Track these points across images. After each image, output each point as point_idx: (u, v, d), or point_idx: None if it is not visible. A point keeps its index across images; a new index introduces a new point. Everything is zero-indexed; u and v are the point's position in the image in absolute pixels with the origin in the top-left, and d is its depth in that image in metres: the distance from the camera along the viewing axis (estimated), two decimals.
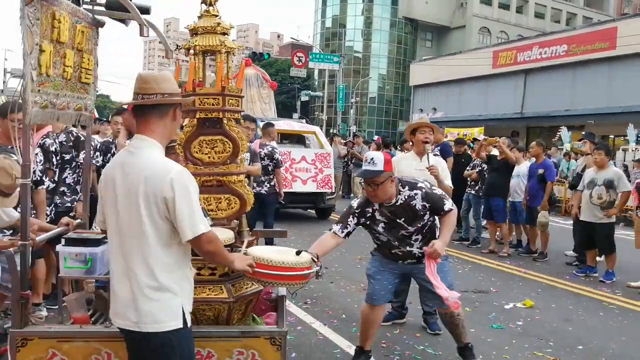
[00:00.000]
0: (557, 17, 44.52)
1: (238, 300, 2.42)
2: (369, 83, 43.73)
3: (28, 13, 2.11)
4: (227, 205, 2.59)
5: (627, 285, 5.66)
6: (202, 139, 2.59)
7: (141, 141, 1.91)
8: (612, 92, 21.78)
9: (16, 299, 2.27)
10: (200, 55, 2.63)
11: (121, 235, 1.87)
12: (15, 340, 2.23)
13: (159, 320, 1.83)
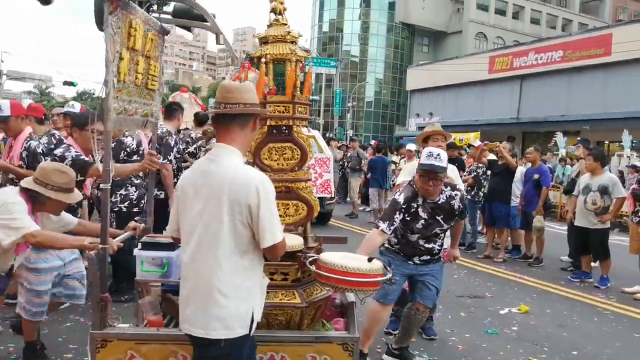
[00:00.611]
0: (552, 23, 44.82)
1: (310, 306, 2.45)
2: (365, 87, 43.86)
3: (111, 22, 2.18)
4: (294, 211, 2.64)
5: (621, 291, 5.68)
6: (272, 146, 2.64)
7: (222, 149, 1.93)
8: (607, 98, 21.93)
9: (96, 301, 2.31)
10: (271, 63, 2.66)
11: (198, 241, 1.87)
12: (95, 341, 2.27)
13: (229, 327, 1.84)
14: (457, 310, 4.76)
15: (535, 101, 25.22)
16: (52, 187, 2.60)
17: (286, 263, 2.42)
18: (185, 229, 1.95)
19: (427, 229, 3.20)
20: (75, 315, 4.04)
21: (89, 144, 3.40)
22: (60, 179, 2.64)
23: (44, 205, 2.65)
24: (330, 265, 2.22)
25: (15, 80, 41.20)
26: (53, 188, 2.60)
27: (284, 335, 2.35)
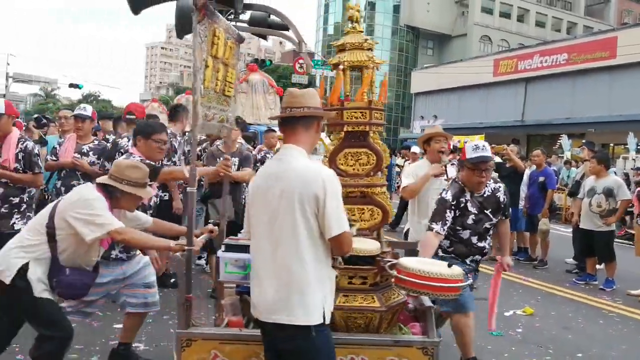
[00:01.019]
0: (557, 26, 44.72)
1: (388, 310, 2.47)
2: None
3: (199, 31, 2.25)
4: (370, 216, 2.66)
5: (627, 294, 5.66)
6: (348, 151, 2.68)
7: (290, 150, 2.09)
8: (612, 100, 21.83)
9: (181, 302, 2.37)
10: (348, 70, 2.71)
11: (274, 236, 1.99)
12: (181, 341, 2.32)
13: (310, 314, 1.94)
14: None
15: (540, 104, 25.14)
16: (127, 182, 2.61)
17: (365, 267, 2.44)
18: (260, 226, 2.06)
19: (478, 224, 3.22)
20: None
21: (153, 153, 3.44)
22: (135, 174, 2.66)
23: (119, 201, 2.66)
24: (412, 270, 2.26)
25: (21, 83, 41.54)
26: (128, 183, 2.61)
27: (364, 338, 2.37)
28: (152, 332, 3.84)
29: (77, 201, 2.56)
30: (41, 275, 2.54)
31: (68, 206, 2.55)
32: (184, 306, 2.36)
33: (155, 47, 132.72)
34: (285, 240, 1.97)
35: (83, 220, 2.49)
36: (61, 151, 4.51)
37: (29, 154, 3.73)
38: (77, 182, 4.46)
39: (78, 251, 2.57)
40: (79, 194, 2.62)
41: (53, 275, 2.53)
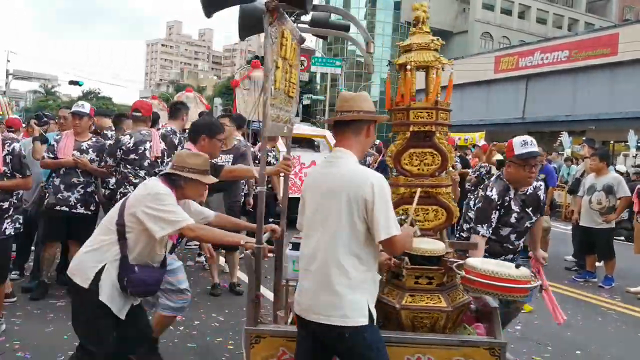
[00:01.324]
0: (559, 22, 44.62)
1: (454, 310, 2.48)
2: (371, 87, 43.83)
3: (270, 32, 2.29)
4: (434, 216, 2.66)
5: (626, 291, 5.66)
6: (413, 151, 2.67)
7: (340, 153, 2.13)
8: (613, 98, 21.80)
9: (251, 299, 2.41)
10: (414, 70, 2.70)
11: (322, 237, 2.03)
12: (250, 337, 2.36)
13: (347, 315, 1.95)
14: None
15: (540, 101, 25.11)
16: (189, 169, 2.61)
17: (432, 267, 2.46)
18: (308, 225, 2.13)
19: (520, 222, 3.20)
20: None
21: (215, 151, 3.47)
22: (196, 160, 2.65)
23: (184, 191, 2.63)
24: (481, 270, 2.28)
25: (21, 80, 41.52)
26: (190, 170, 2.61)
27: (432, 338, 2.38)
28: None
29: (146, 196, 2.50)
30: (114, 279, 2.48)
31: (137, 201, 2.50)
32: (253, 303, 2.40)
33: (155, 44, 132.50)
34: (333, 241, 2.00)
35: (154, 217, 2.45)
36: (59, 148, 4.45)
37: (17, 157, 3.61)
38: (77, 179, 4.45)
39: (147, 248, 2.53)
40: (148, 188, 2.56)
41: (123, 274, 2.47)
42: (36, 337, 3.58)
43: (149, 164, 4.51)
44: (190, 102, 15.64)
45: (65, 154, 4.41)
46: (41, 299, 4.33)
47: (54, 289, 4.67)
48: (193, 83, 64.23)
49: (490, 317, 2.60)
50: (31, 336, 3.59)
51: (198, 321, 4.05)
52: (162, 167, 4.65)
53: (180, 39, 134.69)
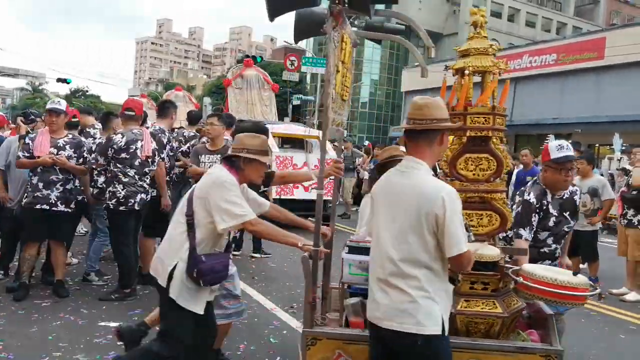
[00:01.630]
0: (547, 26, 45.14)
1: (510, 316, 2.47)
2: (360, 88, 43.92)
3: (334, 37, 2.31)
4: (487, 222, 2.65)
5: (609, 293, 5.74)
6: (468, 156, 2.66)
7: (413, 163, 2.08)
8: (599, 101, 22.12)
9: (308, 301, 2.42)
10: (471, 75, 2.68)
11: (392, 247, 2.02)
12: (306, 339, 2.38)
13: (420, 323, 1.96)
14: None
15: (528, 104, 25.38)
16: (248, 150, 2.62)
17: (487, 273, 2.45)
18: (378, 232, 2.12)
19: (558, 226, 3.19)
20: (65, 314, 4.04)
21: None
22: (254, 141, 2.66)
23: (244, 173, 2.63)
24: (539, 277, 2.28)
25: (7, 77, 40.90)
26: (249, 151, 2.61)
27: (488, 344, 2.37)
28: None
29: (212, 185, 2.51)
30: (184, 274, 2.48)
31: (203, 191, 2.52)
32: (310, 306, 2.42)
33: (145, 42, 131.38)
34: (403, 252, 2.00)
35: (218, 208, 2.46)
36: (35, 147, 4.36)
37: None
38: (56, 176, 4.35)
39: (212, 236, 2.54)
40: (212, 177, 2.57)
41: (193, 267, 2.47)
42: (20, 338, 3.54)
43: (139, 163, 4.49)
44: (179, 100, 15.53)
45: (42, 152, 4.32)
46: (24, 299, 4.28)
47: (39, 289, 4.62)
48: (183, 82, 63.81)
49: (545, 324, 2.58)
50: (15, 337, 3.55)
51: None
52: (152, 166, 4.63)
53: (170, 37, 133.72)
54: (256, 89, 11.43)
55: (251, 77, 11.46)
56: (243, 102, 11.28)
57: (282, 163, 8.63)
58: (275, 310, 4.50)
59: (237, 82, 11.44)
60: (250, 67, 11.89)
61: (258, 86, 11.48)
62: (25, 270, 4.43)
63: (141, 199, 4.51)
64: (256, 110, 11.14)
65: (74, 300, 4.36)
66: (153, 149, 4.61)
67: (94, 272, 4.98)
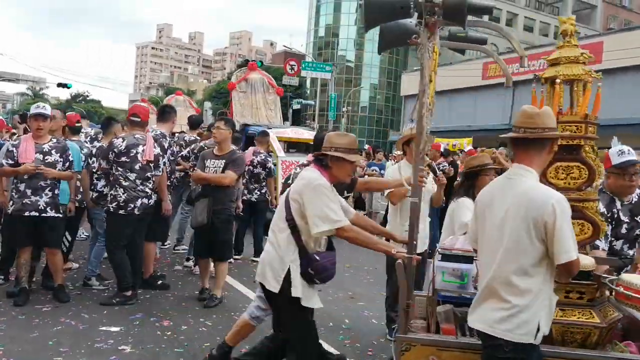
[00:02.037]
0: (545, 30, 45.34)
1: (607, 326, 2.45)
2: (360, 92, 44.05)
3: (428, 47, 2.38)
4: (579, 230, 2.62)
5: None
6: (559, 165, 2.64)
7: (522, 170, 2.11)
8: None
9: (402, 307, 2.46)
10: (562, 84, 2.68)
11: (500, 253, 2.04)
12: (401, 345, 2.42)
13: (512, 331, 1.98)
14: None
15: None
16: (336, 149, 2.63)
17: (584, 282, 2.44)
18: (484, 239, 2.15)
19: (630, 232, 3.17)
20: (65, 319, 4.03)
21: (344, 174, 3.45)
22: (343, 140, 2.68)
23: (332, 171, 2.65)
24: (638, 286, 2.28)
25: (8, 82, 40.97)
26: (337, 150, 2.63)
27: (588, 354, 2.36)
28: (139, 334, 3.83)
29: (306, 187, 2.55)
30: (299, 274, 2.55)
31: (298, 193, 2.56)
32: (405, 312, 2.45)
33: (145, 47, 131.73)
34: (511, 258, 2.00)
35: (313, 212, 2.49)
36: (20, 153, 4.26)
37: None
38: (44, 182, 4.28)
39: (313, 237, 2.58)
40: (306, 178, 2.60)
41: (307, 266, 2.53)
42: (21, 343, 3.53)
43: (140, 167, 4.50)
44: (180, 105, 15.56)
45: (27, 159, 4.24)
46: (24, 304, 4.27)
47: (40, 294, 4.62)
48: (183, 86, 63.86)
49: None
50: (16, 342, 3.55)
51: (186, 326, 4.04)
52: (155, 171, 4.64)
53: (170, 42, 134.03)
54: (261, 93, 11.20)
55: (256, 81, 11.21)
56: (248, 106, 11.02)
57: (287, 168, 8.36)
58: None
59: (242, 86, 11.18)
60: (254, 71, 11.59)
61: (263, 90, 11.25)
62: (23, 275, 4.39)
63: (142, 203, 4.51)
64: (261, 114, 10.92)
65: (75, 305, 4.36)
66: (156, 154, 4.62)
67: (95, 276, 4.99)
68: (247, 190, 6.54)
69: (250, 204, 6.53)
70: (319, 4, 46.67)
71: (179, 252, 6.58)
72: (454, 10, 2.41)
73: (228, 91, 30.12)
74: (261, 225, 6.77)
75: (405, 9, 2.47)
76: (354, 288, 5.51)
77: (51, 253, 4.48)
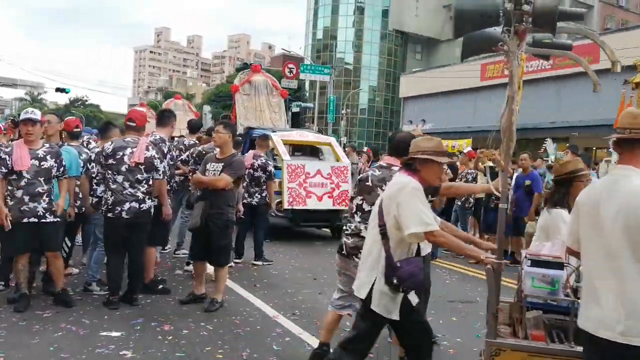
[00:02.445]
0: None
1: None
2: (359, 95, 44.07)
3: (517, 55, 2.41)
4: None
5: None
6: None
7: (628, 171, 2.11)
8: (595, 105, 22.17)
9: (491, 312, 2.46)
10: None
11: (610, 254, 2.03)
12: (490, 349, 2.43)
13: (625, 333, 1.95)
14: (448, 315, 4.81)
15: (525, 108, 25.29)
16: (423, 152, 2.66)
17: None
18: (591, 243, 2.14)
19: None
20: (66, 324, 4.02)
21: None
22: (429, 143, 2.70)
23: (420, 174, 2.68)
24: None
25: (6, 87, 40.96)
26: (425, 153, 2.65)
27: None
28: (140, 339, 3.82)
29: (399, 191, 2.59)
30: (382, 284, 2.59)
31: (392, 197, 2.59)
32: (493, 316, 2.46)
33: (144, 51, 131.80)
34: (624, 258, 2.00)
35: (406, 214, 2.52)
36: (14, 161, 4.22)
37: None
38: (42, 188, 4.27)
39: (404, 242, 2.62)
40: (399, 183, 2.64)
41: (391, 274, 2.56)
42: (21, 349, 3.52)
43: (127, 169, 4.48)
44: (179, 109, 15.51)
45: (23, 166, 4.22)
46: (25, 310, 4.26)
47: (40, 299, 4.62)
48: (182, 90, 63.95)
49: None
50: (16, 348, 3.54)
51: (187, 331, 4.04)
52: (148, 174, 4.59)
53: (168, 46, 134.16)
54: (264, 95, 10.97)
55: (259, 83, 10.97)
56: (251, 108, 10.76)
57: (293, 172, 8.06)
58: (278, 317, 4.50)
59: (245, 88, 10.91)
60: (258, 73, 11.39)
61: (266, 92, 11.03)
62: (22, 280, 4.37)
63: (131, 207, 4.45)
64: (265, 117, 10.70)
65: (76, 311, 4.35)
66: (148, 156, 4.55)
67: (95, 281, 4.98)
68: (248, 194, 6.55)
69: (251, 207, 6.53)
70: (316, 7, 46.75)
71: (179, 257, 6.58)
72: (544, 18, 2.41)
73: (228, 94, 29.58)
74: (261, 228, 6.77)
75: (494, 18, 2.49)
76: None
77: (52, 257, 4.47)
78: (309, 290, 5.45)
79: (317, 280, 5.88)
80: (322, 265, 6.62)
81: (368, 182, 3.28)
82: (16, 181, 4.25)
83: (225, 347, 3.73)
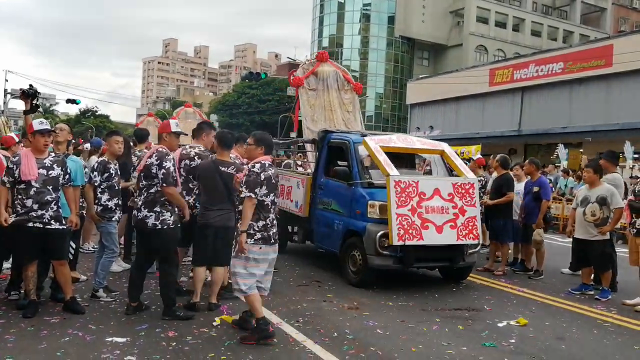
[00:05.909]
0: (553, 35, 45.15)
1: None
2: (366, 102, 44.08)
3: None
4: None
5: (622, 303, 5.64)
6: None
7: None
8: (609, 109, 21.96)
9: None
10: None
11: None
12: None
13: None
14: (454, 323, 4.74)
15: (536, 113, 25.27)
16: None
17: None
18: None
19: None
20: (73, 330, 4.05)
21: None
22: None
23: None
24: None
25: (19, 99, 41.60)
26: None
27: None
28: (144, 345, 3.82)
29: None
30: None
31: None
32: None
33: (152, 62, 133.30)
34: None
35: None
36: (22, 171, 4.26)
37: None
38: (50, 196, 4.33)
39: None
40: None
41: None
42: (30, 354, 3.56)
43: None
44: (190, 117, 15.57)
45: (31, 175, 4.26)
46: (33, 316, 4.30)
47: (48, 306, 4.65)
48: (189, 100, 64.37)
49: None
50: (25, 353, 3.58)
51: (190, 337, 4.03)
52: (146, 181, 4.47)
53: (176, 57, 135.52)
54: (335, 90, 8.55)
55: (328, 75, 8.52)
56: (319, 107, 8.40)
57: (403, 191, 5.58)
58: (281, 324, 4.47)
59: (310, 82, 8.49)
60: (326, 62, 8.72)
61: (337, 86, 8.60)
62: (31, 287, 4.42)
63: (134, 216, 4.58)
64: (337, 118, 8.30)
65: (83, 317, 4.38)
66: (148, 164, 4.44)
67: (102, 288, 5.00)
68: None
69: None
70: (322, 15, 47.02)
71: (184, 264, 6.58)
72: None
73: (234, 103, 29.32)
74: None
75: None
76: (359, 298, 5.46)
77: (59, 264, 4.51)
78: (313, 297, 5.41)
79: (321, 288, 5.85)
80: (327, 272, 6.59)
81: None
82: (25, 191, 4.32)
83: (229, 354, 3.71)
